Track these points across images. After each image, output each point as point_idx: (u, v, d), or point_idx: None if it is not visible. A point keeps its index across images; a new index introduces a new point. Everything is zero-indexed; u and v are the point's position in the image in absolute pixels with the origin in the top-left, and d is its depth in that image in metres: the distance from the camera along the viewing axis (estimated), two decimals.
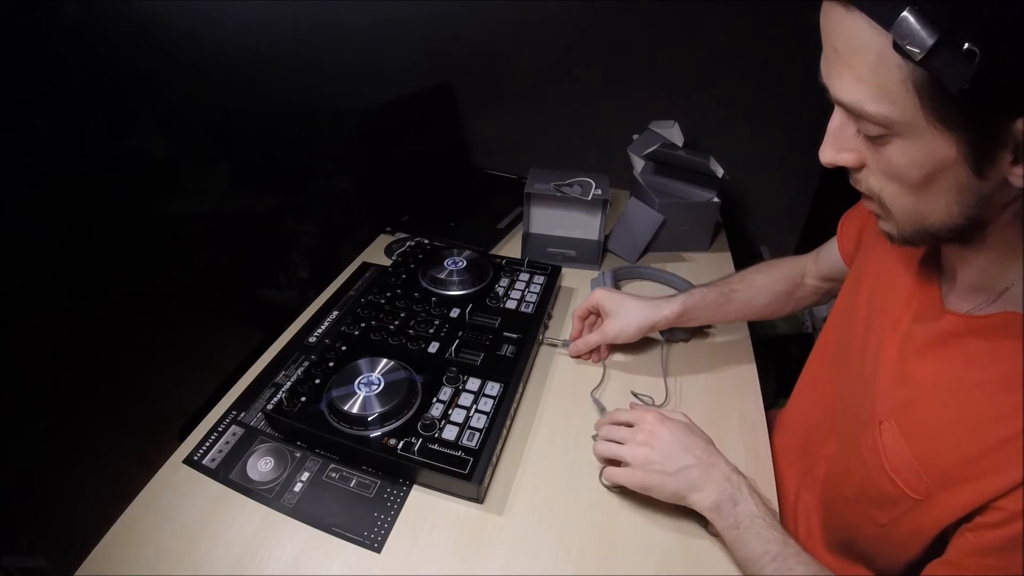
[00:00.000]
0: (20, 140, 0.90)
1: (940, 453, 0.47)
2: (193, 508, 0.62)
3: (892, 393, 0.53)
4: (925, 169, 0.40)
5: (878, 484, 0.52)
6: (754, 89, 1.23)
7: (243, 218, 1.37)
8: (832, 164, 0.46)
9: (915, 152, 0.40)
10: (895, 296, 0.57)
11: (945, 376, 0.49)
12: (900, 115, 0.38)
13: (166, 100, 1.15)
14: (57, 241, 0.99)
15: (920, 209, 0.44)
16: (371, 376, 0.71)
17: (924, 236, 0.46)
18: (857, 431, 0.56)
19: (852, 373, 0.61)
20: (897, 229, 0.47)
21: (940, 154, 0.39)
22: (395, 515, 0.62)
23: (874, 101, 0.38)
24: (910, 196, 0.43)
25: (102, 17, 0.99)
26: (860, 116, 0.40)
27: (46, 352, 1.00)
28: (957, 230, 0.44)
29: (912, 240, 0.47)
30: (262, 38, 1.21)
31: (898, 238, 0.47)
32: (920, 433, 0.49)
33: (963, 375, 0.47)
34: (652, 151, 1.12)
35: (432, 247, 1.01)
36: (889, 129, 0.39)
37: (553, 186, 1.04)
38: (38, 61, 0.90)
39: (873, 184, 0.45)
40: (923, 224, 0.44)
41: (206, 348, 1.23)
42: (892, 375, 0.54)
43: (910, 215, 0.45)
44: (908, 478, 0.49)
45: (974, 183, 0.40)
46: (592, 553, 0.59)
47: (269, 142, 1.32)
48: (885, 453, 0.51)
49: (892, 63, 0.36)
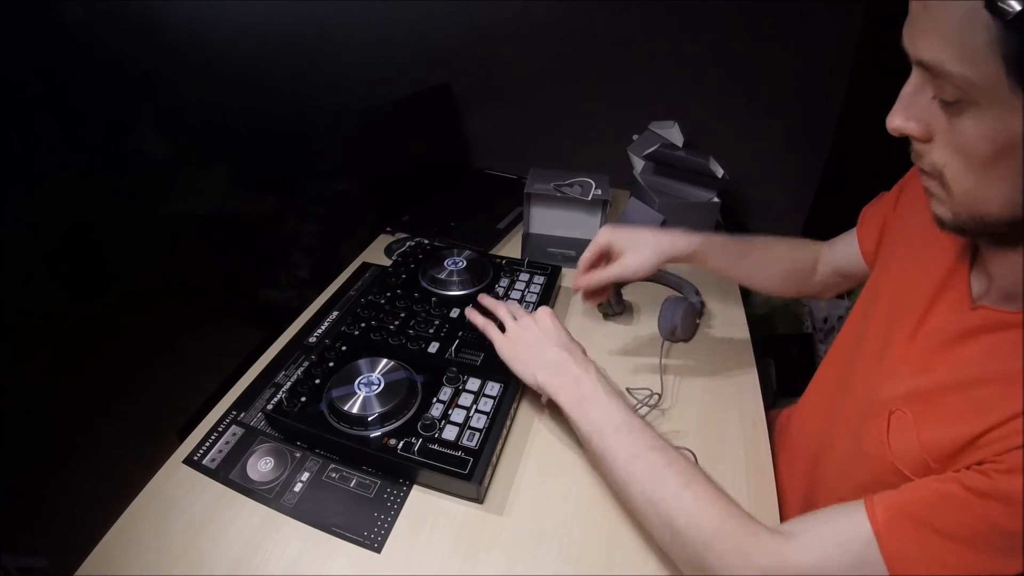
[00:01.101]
0: (20, 140, 0.90)
1: (948, 438, 0.46)
2: (193, 508, 0.62)
3: (910, 382, 0.52)
4: (995, 144, 0.39)
5: (881, 476, 0.51)
6: (754, 89, 1.23)
7: (243, 218, 1.37)
8: (899, 131, 0.44)
9: (988, 123, 0.38)
10: (921, 289, 0.56)
11: (970, 367, 0.47)
12: (981, 78, 0.36)
13: (166, 100, 1.15)
14: (57, 241, 0.99)
15: (982, 192, 0.42)
16: (371, 376, 0.71)
17: (978, 225, 0.44)
18: (860, 421, 0.56)
19: (866, 364, 0.60)
20: (952, 213, 0.45)
21: (1013, 128, 0.37)
22: (395, 515, 0.62)
23: (957, 61, 0.37)
24: (974, 175, 0.41)
25: (102, 17, 0.98)
26: (940, 76, 0.38)
27: (46, 352, 1.00)
28: (1013, 223, 0.42)
29: (964, 228, 0.45)
30: (262, 38, 1.20)
31: (951, 223, 0.46)
32: (933, 421, 0.48)
33: (987, 366, 0.46)
34: (652, 151, 1.12)
35: (432, 247, 1.01)
36: (966, 94, 0.38)
37: (553, 186, 1.04)
38: (38, 61, 0.90)
39: (937, 159, 0.43)
40: (980, 211, 0.43)
41: (206, 348, 1.23)
42: (913, 365, 0.53)
43: (970, 197, 0.43)
44: (915, 467, 0.48)
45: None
46: (592, 553, 0.59)
47: (269, 142, 1.32)
48: (889, 442, 0.51)
49: (981, 22, 0.35)
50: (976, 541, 0.41)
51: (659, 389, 0.77)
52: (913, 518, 0.43)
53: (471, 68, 1.31)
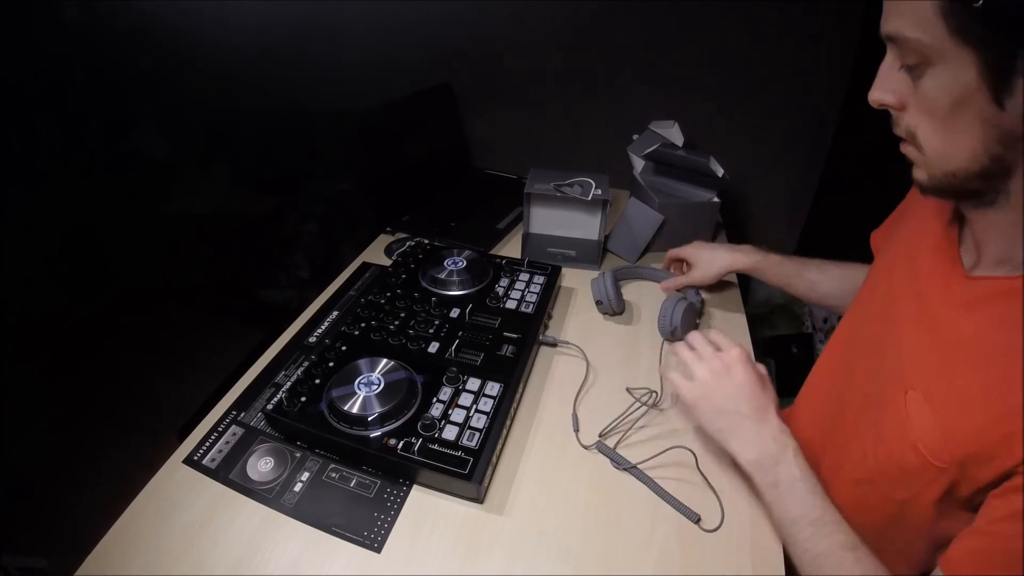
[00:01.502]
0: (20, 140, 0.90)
1: (966, 418, 0.47)
2: (193, 508, 0.62)
3: (918, 362, 0.53)
4: (952, 96, 0.44)
5: (899, 458, 0.52)
6: (754, 89, 1.23)
7: (243, 218, 1.37)
8: (878, 103, 0.49)
9: (943, 78, 0.44)
10: (918, 269, 0.59)
11: (974, 341, 0.49)
12: (931, 38, 0.42)
13: (166, 100, 1.14)
14: (57, 241, 0.99)
15: (950, 147, 0.46)
16: (371, 376, 0.71)
17: (953, 182, 0.48)
18: (875, 408, 0.57)
19: (871, 352, 0.62)
20: (928, 174, 0.49)
21: (963, 78, 0.42)
22: (395, 515, 0.62)
23: (911, 28, 0.43)
24: (940, 131, 0.46)
25: (102, 17, 0.98)
26: (901, 44, 0.45)
27: (46, 352, 1.00)
28: (983, 177, 0.46)
29: (941, 187, 0.49)
30: (262, 38, 1.20)
31: (929, 185, 0.50)
32: (946, 399, 0.49)
33: (992, 338, 0.48)
34: (652, 151, 1.12)
35: (432, 247, 1.01)
36: (923, 57, 0.44)
37: (553, 186, 1.04)
38: (38, 61, 0.90)
39: (910, 122, 0.48)
40: (951, 167, 0.47)
41: (206, 348, 1.23)
42: (918, 345, 0.54)
43: (940, 154, 0.47)
44: (932, 447, 0.49)
45: (995, 115, 0.42)
46: (592, 553, 0.59)
47: (269, 142, 1.32)
48: (909, 423, 0.51)
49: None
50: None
51: (658, 388, 0.77)
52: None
53: (471, 68, 1.31)
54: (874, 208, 0.79)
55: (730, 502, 0.64)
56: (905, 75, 0.47)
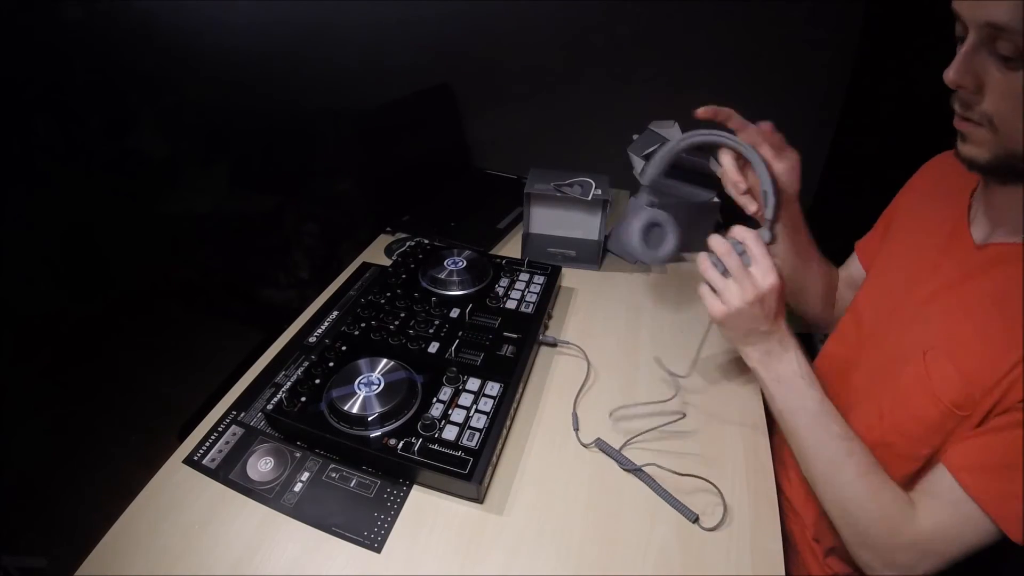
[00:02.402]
0: (20, 140, 0.90)
1: (984, 366, 0.51)
2: (193, 508, 0.62)
3: (940, 323, 0.57)
4: None
5: (921, 414, 0.55)
6: (754, 89, 1.22)
7: (243, 218, 1.37)
8: (955, 83, 0.50)
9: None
10: (933, 249, 0.63)
11: (993, 295, 0.54)
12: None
13: (166, 100, 1.15)
14: (57, 241, 0.99)
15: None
16: (371, 376, 0.71)
17: (1011, 162, 0.50)
18: (891, 374, 0.60)
19: (884, 328, 0.65)
20: (991, 153, 0.51)
21: None
22: (395, 515, 0.62)
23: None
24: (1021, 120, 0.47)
25: (102, 17, 0.98)
26: (1007, 33, 0.44)
27: (46, 352, 1.00)
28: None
29: (994, 167, 0.52)
30: (262, 38, 1.20)
31: (984, 162, 0.52)
32: (968, 349, 0.53)
33: (1009, 290, 0.52)
34: (652, 151, 1.12)
35: (432, 247, 1.01)
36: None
37: (553, 186, 1.04)
38: (38, 61, 0.90)
39: (988, 107, 0.49)
40: (1017, 150, 0.49)
41: (206, 348, 1.23)
42: (939, 309, 0.58)
43: (1015, 138, 0.49)
44: (953, 396, 0.53)
45: None
46: (592, 553, 0.59)
47: (269, 142, 1.32)
48: (931, 379, 0.55)
49: None
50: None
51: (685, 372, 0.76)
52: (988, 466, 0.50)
53: (471, 68, 1.31)
54: (874, 208, 0.79)
55: (730, 502, 0.64)
56: (991, 61, 0.47)
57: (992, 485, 0.50)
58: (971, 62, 0.48)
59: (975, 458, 0.52)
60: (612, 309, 0.95)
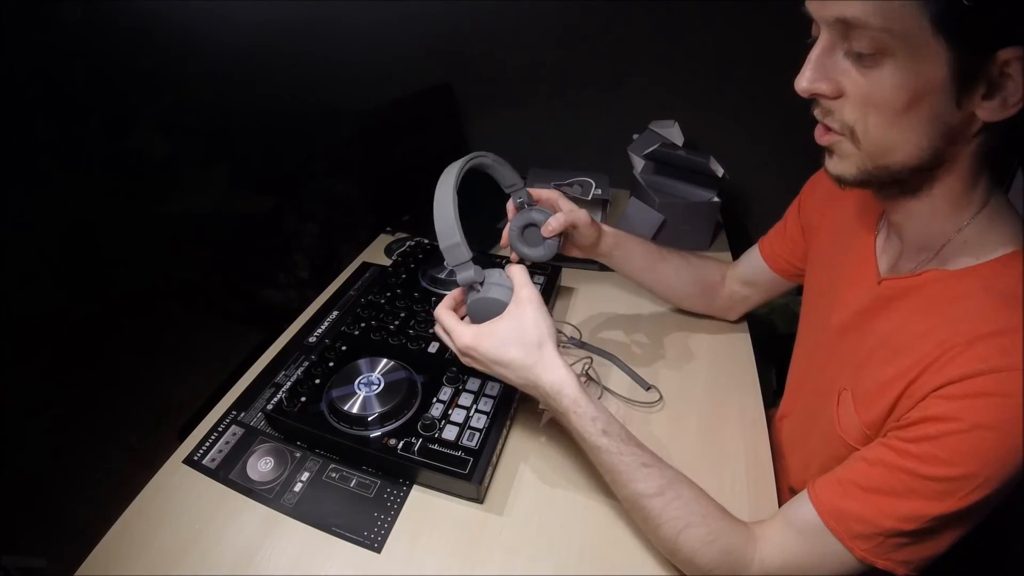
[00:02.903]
0: (20, 140, 0.90)
1: (878, 407, 0.50)
2: (193, 508, 0.62)
3: (849, 363, 0.56)
4: (910, 92, 0.42)
5: (835, 452, 0.54)
6: (754, 89, 1.23)
7: (243, 218, 1.37)
8: (808, 92, 0.47)
9: (905, 73, 0.41)
10: (841, 280, 0.61)
11: (888, 336, 0.52)
12: (901, 28, 0.39)
13: (166, 100, 1.15)
14: (57, 241, 0.99)
15: (892, 141, 0.45)
16: (371, 376, 0.71)
17: (882, 174, 0.47)
18: (819, 407, 0.59)
19: (816, 352, 0.65)
20: (857, 168, 0.48)
21: (928, 75, 0.41)
22: (395, 515, 0.62)
23: (877, 14, 0.40)
24: (887, 126, 0.44)
25: (102, 17, 0.99)
26: (860, 29, 0.41)
27: (46, 352, 1.00)
28: (917, 168, 0.46)
29: (865, 180, 0.48)
30: (262, 38, 1.21)
31: (853, 178, 0.49)
32: (865, 392, 0.52)
33: (903, 331, 0.50)
34: (652, 151, 1.12)
35: (432, 247, 1.01)
36: (884, 46, 0.41)
37: (553, 186, 1.04)
38: (38, 61, 0.90)
39: (848, 115, 0.46)
40: (887, 160, 0.46)
41: (206, 348, 1.23)
42: (848, 348, 0.57)
43: (879, 148, 0.46)
44: (856, 437, 0.52)
45: (949, 113, 0.42)
46: (592, 553, 0.59)
47: (269, 142, 1.32)
48: (839, 420, 0.55)
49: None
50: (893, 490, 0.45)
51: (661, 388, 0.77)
52: (842, 482, 0.48)
53: (471, 68, 1.31)
54: None
55: (730, 500, 0.64)
56: (848, 63, 0.44)
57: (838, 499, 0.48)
58: (825, 65, 0.45)
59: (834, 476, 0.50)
60: (611, 309, 0.95)
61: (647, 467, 0.54)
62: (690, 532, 0.51)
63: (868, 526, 0.46)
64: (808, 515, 0.49)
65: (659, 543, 0.55)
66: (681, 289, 0.86)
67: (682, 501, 0.53)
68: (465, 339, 0.57)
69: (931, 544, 0.45)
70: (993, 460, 0.42)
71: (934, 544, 0.45)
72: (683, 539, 0.52)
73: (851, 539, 0.47)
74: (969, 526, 0.45)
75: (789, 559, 0.50)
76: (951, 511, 0.43)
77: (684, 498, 0.53)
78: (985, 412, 0.41)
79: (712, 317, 0.91)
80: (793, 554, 0.50)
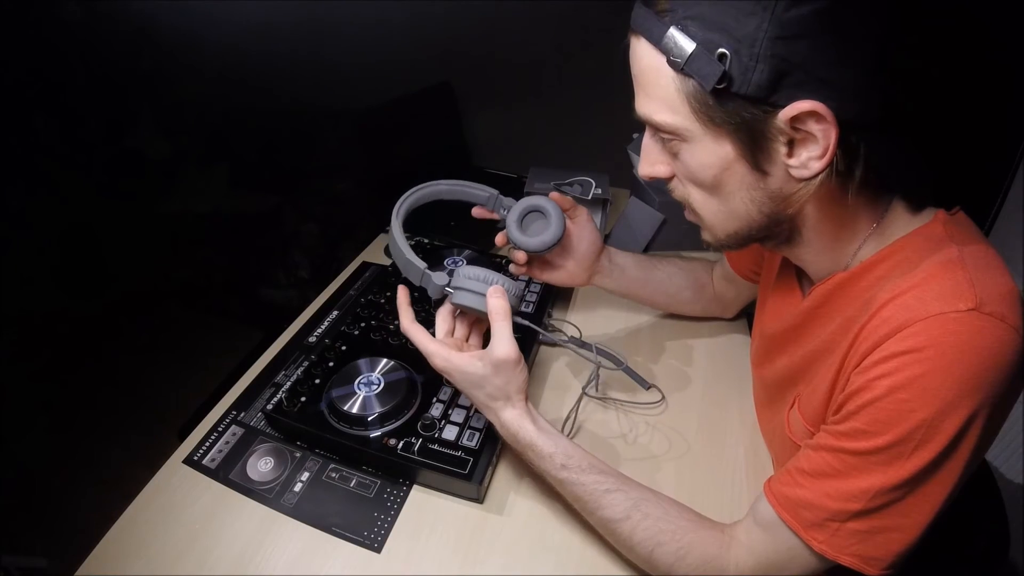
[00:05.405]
0: (20, 140, 0.90)
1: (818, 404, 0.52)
2: (193, 508, 0.62)
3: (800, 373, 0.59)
4: (712, 169, 0.46)
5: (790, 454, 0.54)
6: None
7: (243, 218, 1.37)
8: (648, 177, 0.52)
9: (700, 154, 0.46)
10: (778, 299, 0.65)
11: (821, 342, 0.54)
12: (680, 122, 0.44)
13: (166, 100, 1.14)
14: (57, 241, 0.99)
15: (723, 213, 0.49)
16: (371, 376, 0.71)
17: (738, 240, 0.51)
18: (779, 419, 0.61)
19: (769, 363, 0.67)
20: (712, 236, 0.53)
21: (719, 153, 0.44)
22: (395, 515, 0.62)
23: (660, 112, 0.45)
24: (711, 200, 0.49)
25: (102, 17, 0.98)
26: (655, 127, 0.47)
27: (46, 352, 1.00)
28: (767, 229, 0.49)
29: (728, 244, 0.53)
30: (262, 38, 1.20)
31: (715, 244, 0.53)
32: (807, 396, 0.55)
33: (824, 336, 0.54)
34: None
35: (432, 247, 1.01)
36: (676, 135, 0.46)
37: (553, 186, 1.04)
38: (38, 61, 0.90)
39: (681, 191, 0.51)
40: (732, 229, 0.50)
41: (206, 348, 1.22)
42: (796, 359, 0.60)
43: (718, 220, 0.50)
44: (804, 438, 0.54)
45: (758, 179, 0.45)
46: (592, 553, 0.59)
47: (269, 142, 1.32)
48: (789, 425, 0.58)
49: (668, 76, 0.43)
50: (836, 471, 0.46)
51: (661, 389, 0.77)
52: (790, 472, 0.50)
53: (471, 68, 1.31)
54: None
55: (730, 501, 0.64)
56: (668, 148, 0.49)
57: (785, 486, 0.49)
58: (652, 152, 0.51)
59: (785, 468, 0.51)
60: (612, 309, 0.95)
61: (610, 493, 0.54)
62: (661, 551, 0.52)
63: (816, 511, 0.46)
64: (766, 509, 0.50)
65: (637, 562, 0.56)
66: (678, 295, 0.86)
67: (650, 521, 0.53)
68: (437, 363, 0.59)
69: (895, 535, 0.44)
70: (919, 418, 0.41)
71: (899, 535, 0.44)
72: (656, 558, 0.52)
73: (805, 530, 0.46)
74: (936, 498, 0.43)
75: (760, 559, 0.50)
76: (899, 480, 0.42)
77: (652, 517, 0.53)
78: (897, 374, 0.42)
79: (712, 318, 0.91)
80: (761, 552, 0.50)
